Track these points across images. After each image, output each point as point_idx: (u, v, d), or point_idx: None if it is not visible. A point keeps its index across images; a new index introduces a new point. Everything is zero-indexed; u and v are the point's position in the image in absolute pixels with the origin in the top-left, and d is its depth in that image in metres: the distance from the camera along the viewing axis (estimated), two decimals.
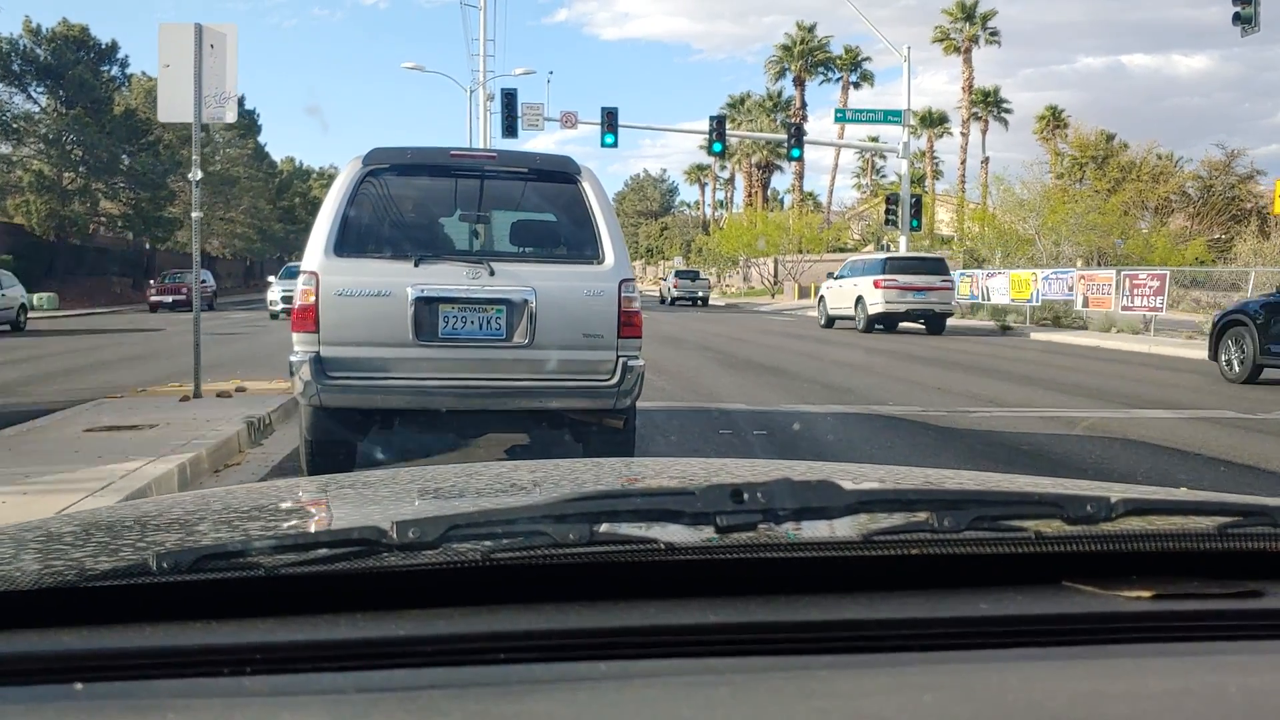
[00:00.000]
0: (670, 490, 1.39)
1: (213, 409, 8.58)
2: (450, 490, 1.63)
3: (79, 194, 43.37)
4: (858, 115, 40.63)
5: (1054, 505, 1.12)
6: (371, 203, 6.05)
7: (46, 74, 42.39)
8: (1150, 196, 40.67)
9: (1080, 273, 26.64)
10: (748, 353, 17.84)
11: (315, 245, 5.83)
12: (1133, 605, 1.03)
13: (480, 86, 44.38)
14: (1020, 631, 0.98)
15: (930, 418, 9.76)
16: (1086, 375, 14.62)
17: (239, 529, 1.31)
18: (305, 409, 5.97)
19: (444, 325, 5.79)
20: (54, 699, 0.82)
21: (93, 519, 1.35)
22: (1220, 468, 7.46)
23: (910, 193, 36.26)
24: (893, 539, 1.07)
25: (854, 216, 70.40)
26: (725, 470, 1.81)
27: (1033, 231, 34.49)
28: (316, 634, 0.91)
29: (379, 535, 0.97)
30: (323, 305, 5.70)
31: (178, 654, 0.88)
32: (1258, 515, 1.13)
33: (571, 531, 0.99)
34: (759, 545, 1.03)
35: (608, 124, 33.74)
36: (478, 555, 0.98)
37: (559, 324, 5.85)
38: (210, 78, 9.22)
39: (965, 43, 58.93)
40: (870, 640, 0.95)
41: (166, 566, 0.94)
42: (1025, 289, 28.16)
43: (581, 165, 6.23)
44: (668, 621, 0.95)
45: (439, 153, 6.25)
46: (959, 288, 31.57)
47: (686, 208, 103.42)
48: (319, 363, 5.71)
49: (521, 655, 0.90)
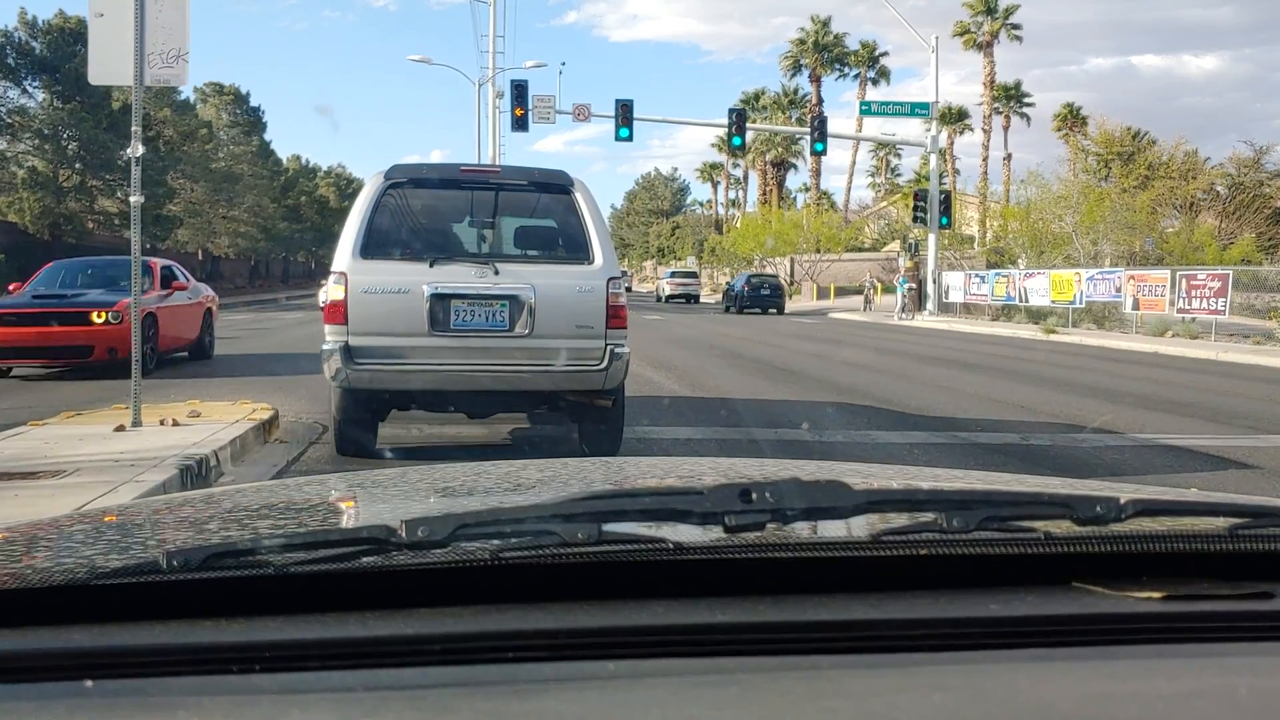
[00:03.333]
0: (679, 490, 1.41)
1: (149, 442, 7.16)
2: (459, 489, 1.65)
3: (75, 191, 43.16)
4: (884, 108, 40.12)
5: (1063, 506, 1.14)
6: (392, 212, 7.03)
7: (42, 68, 42.15)
8: (1180, 194, 40.32)
9: (1130, 272, 25.79)
10: (782, 360, 17.05)
11: (344, 249, 6.77)
12: (1143, 606, 1.04)
13: (490, 83, 44.34)
14: (1030, 632, 0.99)
15: (1038, 450, 8.27)
16: (1181, 389, 13.32)
17: (249, 527, 1.33)
18: (335, 390, 6.86)
19: (455, 318, 6.71)
20: (64, 696, 0.84)
21: (103, 517, 1.37)
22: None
23: (939, 189, 35.88)
24: (902, 539, 1.09)
25: (873, 214, 70.19)
26: (734, 470, 1.82)
27: (1069, 229, 33.60)
28: (326, 632, 0.93)
29: (388, 534, 0.99)
30: (351, 301, 6.62)
31: (188, 651, 0.90)
32: (1268, 516, 1.14)
33: (580, 531, 1.01)
34: (768, 545, 1.05)
35: (622, 117, 33.64)
36: (486, 554, 1.00)
37: (555, 316, 6.77)
38: (156, 30, 7.72)
39: (987, 37, 58.72)
40: (879, 640, 0.96)
41: (177, 564, 0.96)
42: (1068, 290, 27.35)
43: (574, 178, 7.23)
44: (676, 621, 0.97)
45: (450, 168, 7.43)
46: (994, 289, 31.47)
47: (699, 206, 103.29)
48: (348, 350, 6.61)
49: (530, 654, 0.91)
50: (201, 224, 57.52)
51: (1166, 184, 38.42)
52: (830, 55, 65.94)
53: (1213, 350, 19.58)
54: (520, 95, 34.38)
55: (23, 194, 40.94)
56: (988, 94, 60.00)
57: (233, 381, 12.33)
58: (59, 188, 42.54)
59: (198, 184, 54.77)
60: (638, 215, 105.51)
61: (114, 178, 45.06)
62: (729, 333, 25.27)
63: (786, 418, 9.92)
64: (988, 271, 34.10)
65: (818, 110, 62.84)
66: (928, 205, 35.51)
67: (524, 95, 34.41)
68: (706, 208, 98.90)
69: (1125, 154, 42.02)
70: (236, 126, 64.41)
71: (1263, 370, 16.82)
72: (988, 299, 32.12)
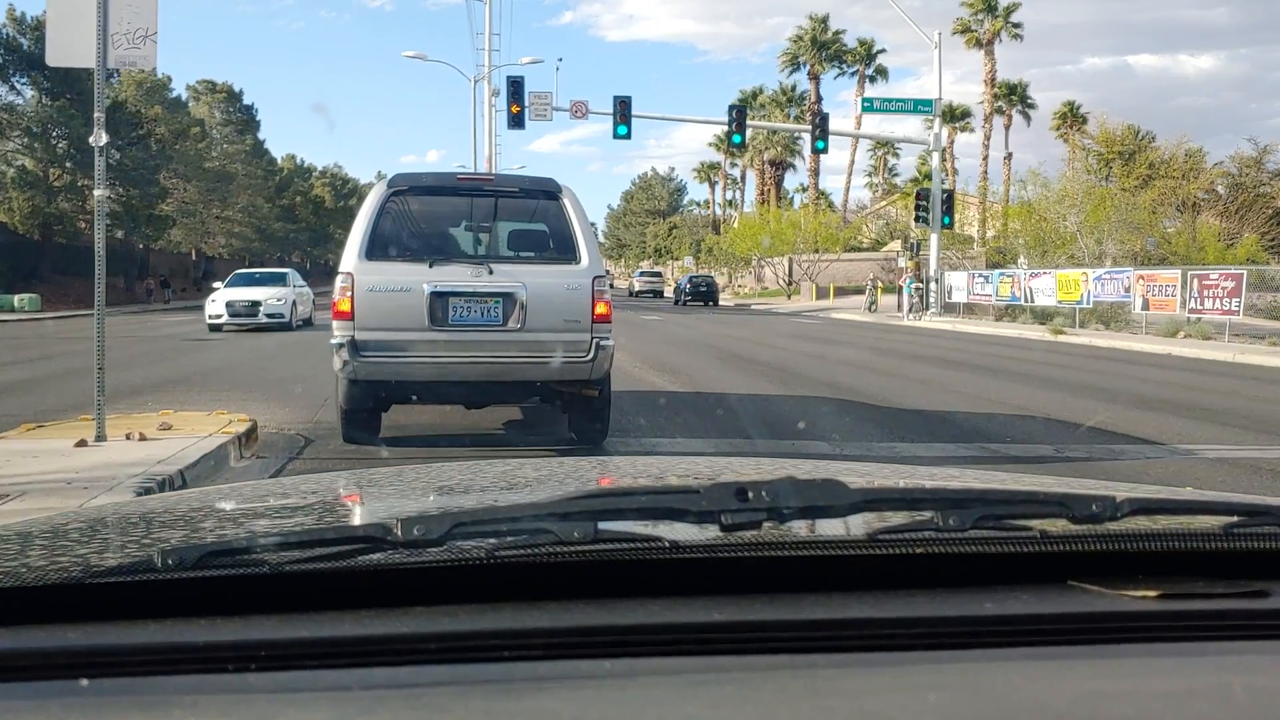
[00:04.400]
0: (675, 488, 1.42)
1: (111, 458, 6.66)
2: (455, 488, 1.67)
3: (65, 190, 43.01)
4: (886, 105, 39.55)
5: (1059, 504, 1.15)
6: (394, 217, 7.65)
7: (30, 64, 41.80)
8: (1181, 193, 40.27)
9: (1139, 272, 25.42)
10: (810, 369, 16.71)
11: (350, 251, 7.37)
12: (1138, 605, 1.05)
13: (486, 81, 44.27)
14: (1025, 631, 1.00)
15: (1076, 464, 7.87)
16: (1209, 395, 12.76)
17: (244, 526, 1.34)
18: (342, 381, 7.43)
19: (453, 314, 7.31)
20: (59, 695, 0.85)
21: (99, 516, 1.38)
22: None
23: (941, 188, 35.51)
24: (898, 538, 1.10)
25: (872, 214, 70.27)
26: (730, 468, 1.84)
27: (1073, 229, 33.19)
28: (321, 631, 0.94)
29: (384, 532, 1.00)
30: (357, 299, 7.22)
31: (183, 650, 0.91)
32: (1263, 515, 1.15)
33: (576, 529, 1.02)
34: (764, 544, 1.06)
35: (620, 114, 33.43)
36: (482, 553, 1.01)
37: (545, 312, 7.35)
38: (121, 9, 7.26)
39: (988, 35, 58.81)
40: (875, 639, 0.97)
41: (171, 563, 0.97)
42: (1075, 290, 27.03)
43: (562, 185, 7.88)
44: (672, 620, 0.97)
45: (448, 176, 8.36)
46: (998, 289, 31.11)
47: (695, 206, 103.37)
48: (354, 344, 7.20)
49: (526, 653, 0.92)
50: (195, 224, 57.37)
51: (1168, 183, 38.37)
52: (829, 52, 66.03)
53: (1229, 352, 19.21)
54: (516, 91, 34.16)
55: (12, 194, 40.75)
56: (989, 92, 60.05)
57: (215, 387, 12.13)
58: (49, 187, 42.40)
59: (190, 183, 54.62)
60: (634, 215, 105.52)
61: (107, 176, 44.65)
62: (729, 333, 25.20)
63: (787, 422, 9.76)
64: (992, 271, 33.76)
65: (816, 108, 62.80)
66: (930, 204, 35.18)
67: (520, 91, 34.19)
68: (704, 207, 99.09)
69: (1126, 153, 42.00)
70: (230, 125, 64.37)
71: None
72: (992, 299, 31.88)
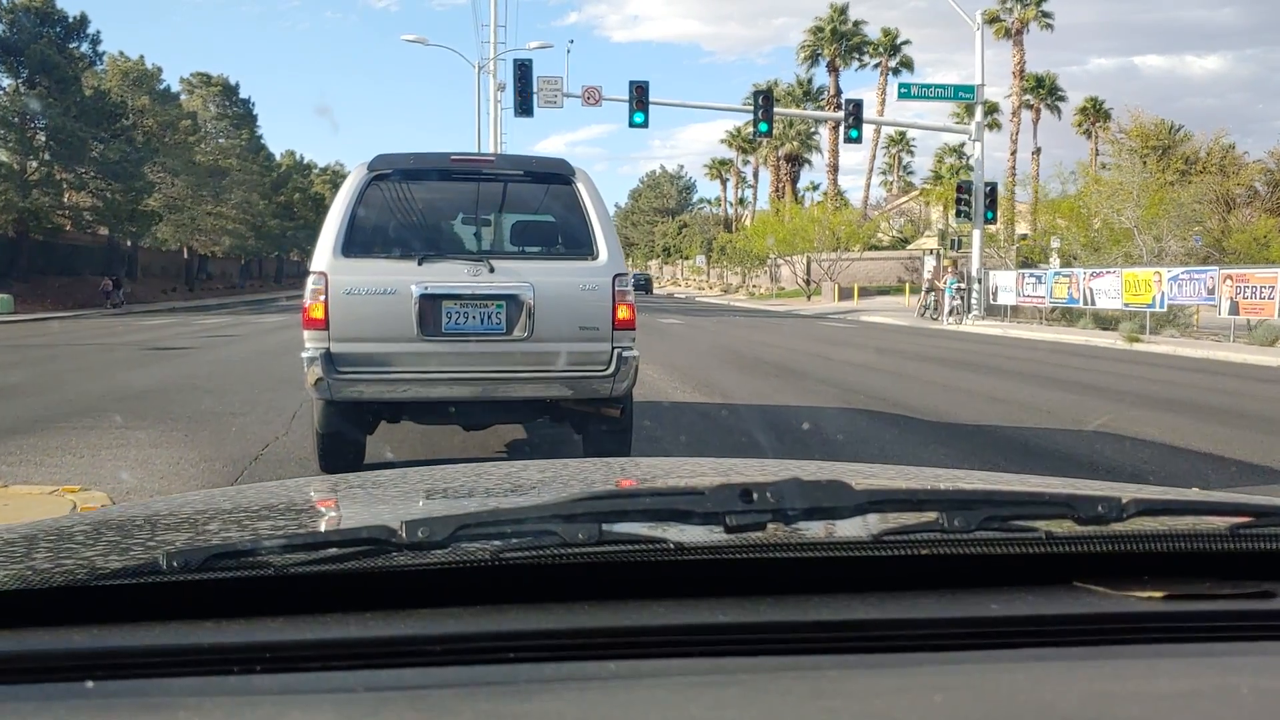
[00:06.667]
0: (680, 490, 1.46)
1: None
2: (459, 490, 1.71)
3: (43, 184, 42.51)
4: (925, 91, 37.28)
5: (1065, 505, 1.19)
6: (376, 206, 6.71)
7: (5, 50, 41.42)
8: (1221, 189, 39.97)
9: (1226, 271, 23.04)
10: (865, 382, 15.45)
11: (324, 247, 6.44)
12: (1144, 605, 1.09)
13: (491, 72, 44.04)
14: (1031, 632, 1.04)
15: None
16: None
17: (249, 528, 1.38)
18: (317, 403, 6.58)
19: (447, 320, 6.41)
20: (65, 697, 0.89)
21: (103, 518, 1.42)
22: None
23: (984, 181, 34.41)
24: (903, 539, 1.13)
25: (894, 210, 70.11)
26: (735, 470, 1.87)
27: (1130, 224, 31.17)
28: (326, 633, 0.98)
29: (388, 534, 1.04)
30: (332, 303, 6.31)
31: (188, 652, 0.95)
32: (1270, 516, 1.19)
33: (580, 531, 1.05)
34: (769, 545, 1.09)
35: (638, 100, 32.52)
36: (487, 555, 1.05)
37: (556, 317, 6.50)
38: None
39: (1017, 24, 58.55)
40: (881, 640, 1.01)
41: (177, 565, 1.01)
42: (1145, 292, 24.68)
43: (575, 166, 6.95)
44: (677, 621, 1.01)
45: (440, 158, 7.00)
46: (1052, 290, 29.15)
47: (706, 204, 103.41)
48: (329, 358, 6.29)
49: (531, 654, 0.96)
50: (184, 220, 57.00)
51: (1208, 179, 37.91)
52: (849, 44, 65.84)
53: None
54: (524, 77, 32.82)
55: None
56: (1017, 84, 59.74)
57: (135, 418, 9.87)
58: (24, 180, 41.65)
59: (179, 178, 54.35)
60: (642, 214, 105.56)
61: (86, 170, 43.89)
62: (759, 339, 23.52)
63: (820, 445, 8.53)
64: (1045, 270, 31.46)
65: (836, 101, 62.63)
66: (972, 197, 34.06)
67: (528, 76, 32.83)
68: (714, 205, 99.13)
69: (1161, 147, 41.75)
70: (225, 119, 64.23)
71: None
72: (1045, 300, 29.78)
